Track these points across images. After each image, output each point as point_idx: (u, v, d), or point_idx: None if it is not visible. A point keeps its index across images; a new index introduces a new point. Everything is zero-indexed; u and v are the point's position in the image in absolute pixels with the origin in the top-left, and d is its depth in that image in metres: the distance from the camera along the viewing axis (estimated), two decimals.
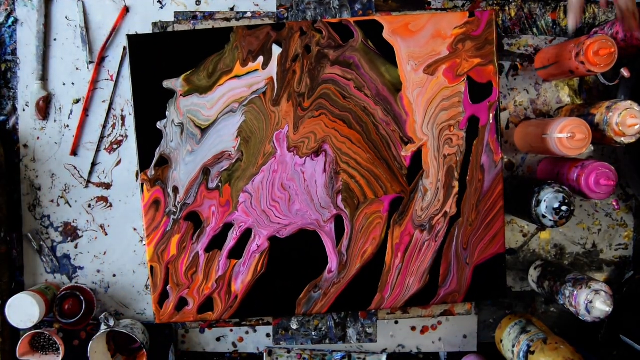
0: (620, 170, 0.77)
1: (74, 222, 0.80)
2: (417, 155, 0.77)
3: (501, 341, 0.79)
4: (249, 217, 0.77)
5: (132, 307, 0.81)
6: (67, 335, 0.80)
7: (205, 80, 0.76)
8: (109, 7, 0.79)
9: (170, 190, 0.77)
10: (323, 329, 0.82)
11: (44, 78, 0.79)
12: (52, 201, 0.80)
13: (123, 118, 0.80)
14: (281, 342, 0.82)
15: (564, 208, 0.68)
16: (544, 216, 0.70)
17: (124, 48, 0.79)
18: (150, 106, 0.76)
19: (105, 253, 0.81)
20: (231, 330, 0.82)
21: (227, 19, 0.79)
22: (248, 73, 0.76)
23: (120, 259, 0.81)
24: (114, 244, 0.80)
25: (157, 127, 0.76)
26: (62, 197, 0.80)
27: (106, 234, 0.80)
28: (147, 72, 0.76)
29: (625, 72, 0.70)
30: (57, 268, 0.80)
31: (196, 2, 0.79)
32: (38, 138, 0.79)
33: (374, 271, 0.78)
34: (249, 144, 0.77)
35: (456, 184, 0.77)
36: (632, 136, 0.67)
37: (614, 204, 0.82)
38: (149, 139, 0.76)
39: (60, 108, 0.79)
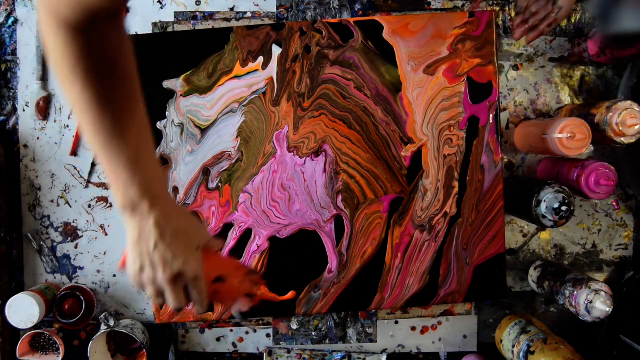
0: (620, 170, 0.77)
1: (74, 222, 0.80)
2: (417, 156, 0.77)
3: (501, 341, 0.79)
4: (249, 217, 0.77)
5: (132, 307, 0.81)
6: (67, 335, 0.79)
7: (205, 81, 0.76)
8: None
9: (170, 191, 0.76)
10: (323, 329, 0.82)
11: (44, 78, 0.79)
12: (52, 201, 0.80)
13: None
14: (281, 342, 0.82)
15: (564, 208, 0.68)
16: (544, 216, 0.70)
17: None
18: (150, 106, 0.75)
19: (105, 253, 0.81)
20: (231, 331, 0.82)
21: (227, 19, 0.79)
22: (248, 73, 0.76)
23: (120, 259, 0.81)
24: (114, 244, 0.80)
25: (157, 127, 0.76)
26: (62, 197, 0.80)
27: (106, 234, 0.80)
28: (147, 72, 0.75)
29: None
30: (57, 268, 0.80)
31: (196, 2, 0.79)
32: (38, 138, 0.79)
33: (374, 271, 0.78)
34: (249, 144, 0.77)
35: (456, 184, 0.77)
36: (632, 136, 0.67)
37: (614, 204, 0.82)
38: None
39: (60, 108, 0.79)
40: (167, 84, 0.76)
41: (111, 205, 0.80)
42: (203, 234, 0.55)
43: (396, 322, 0.82)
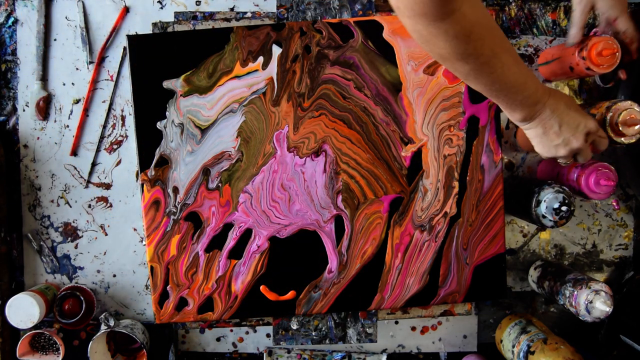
0: (620, 170, 0.77)
1: (74, 222, 0.80)
2: (417, 156, 0.77)
3: (501, 341, 0.79)
4: (249, 217, 0.77)
5: (132, 307, 0.81)
6: (67, 335, 0.80)
7: (205, 81, 0.76)
8: (109, 7, 0.79)
9: (170, 191, 0.77)
10: (323, 329, 0.82)
11: (44, 78, 0.79)
12: (52, 201, 0.80)
13: (123, 118, 0.80)
14: (281, 342, 0.82)
15: (564, 208, 0.68)
16: (544, 216, 0.70)
17: (124, 48, 0.79)
18: (150, 106, 0.76)
19: (105, 253, 0.81)
20: (231, 331, 0.82)
21: (227, 19, 0.79)
22: (248, 73, 0.76)
23: (120, 259, 0.81)
24: (114, 244, 0.80)
25: (157, 127, 0.76)
26: (62, 197, 0.80)
27: (106, 234, 0.80)
28: (147, 72, 0.75)
29: (621, 74, 0.71)
30: (57, 268, 0.80)
31: (196, 2, 0.79)
32: (38, 138, 0.79)
33: (374, 271, 0.78)
34: (249, 144, 0.77)
35: (456, 184, 0.77)
36: (632, 136, 0.67)
37: (614, 204, 0.82)
38: (149, 139, 0.76)
39: (60, 108, 0.79)
40: (167, 84, 0.76)
41: (111, 205, 0.80)
42: (568, 97, 0.63)
43: (396, 322, 0.82)
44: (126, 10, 0.79)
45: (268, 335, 0.82)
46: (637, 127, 0.66)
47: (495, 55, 0.53)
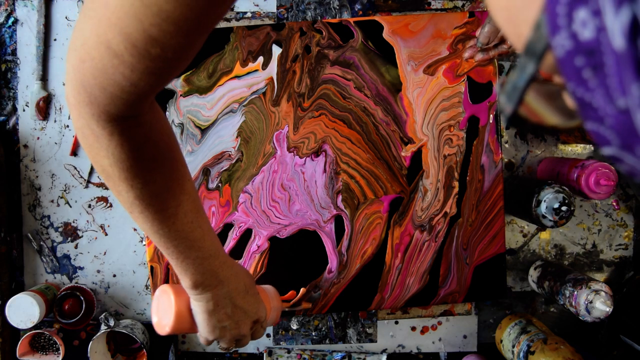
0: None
1: (74, 222, 0.80)
2: (417, 156, 0.77)
3: (501, 341, 0.79)
4: (249, 217, 0.77)
5: (132, 307, 0.81)
6: (67, 335, 0.79)
7: (205, 81, 0.76)
8: None
9: None
10: (323, 329, 0.82)
11: (44, 78, 0.79)
12: (52, 201, 0.80)
13: None
14: (281, 342, 0.82)
15: (564, 208, 0.68)
16: (544, 216, 0.70)
17: None
18: None
19: (105, 253, 0.81)
20: None
21: (227, 19, 0.79)
22: (248, 73, 0.76)
23: (120, 259, 0.81)
24: (114, 244, 0.80)
25: None
26: (62, 197, 0.80)
27: (106, 234, 0.80)
28: None
29: None
30: (57, 268, 0.80)
31: None
32: (38, 138, 0.79)
33: (374, 271, 0.78)
34: (249, 144, 0.77)
35: (456, 184, 0.77)
36: None
37: (614, 204, 0.82)
38: None
39: (60, 108, 0.79)
40: None
41: (111, 205, 0.80)
42: (252, 278, 0.60)
43: (396, 322, 0.82)
44: None
45: (268, 335, 0.82)
46: None
47: (170, 191, 0.45)
